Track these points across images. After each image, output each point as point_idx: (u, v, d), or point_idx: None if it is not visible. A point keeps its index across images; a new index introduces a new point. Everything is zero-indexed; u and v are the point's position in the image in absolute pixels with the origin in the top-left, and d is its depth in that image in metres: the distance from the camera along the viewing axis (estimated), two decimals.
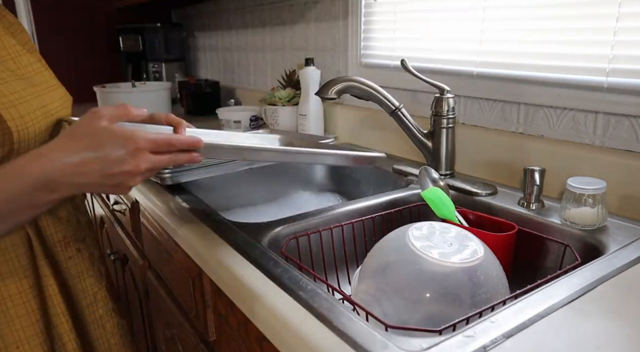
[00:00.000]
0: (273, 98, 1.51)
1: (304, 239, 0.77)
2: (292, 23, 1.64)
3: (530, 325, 0.50)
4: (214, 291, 0.78)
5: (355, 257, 0.83)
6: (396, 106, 1.02)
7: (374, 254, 0.66)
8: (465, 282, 0.58)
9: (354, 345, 0.48)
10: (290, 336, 0.53)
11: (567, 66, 0.88)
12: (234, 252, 0.70)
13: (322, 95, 1.00)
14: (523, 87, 0.95)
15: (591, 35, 0.84)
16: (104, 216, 1.47)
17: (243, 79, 2.06)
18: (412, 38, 1.19)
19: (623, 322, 0.51)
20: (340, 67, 1.44)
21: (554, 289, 0.57)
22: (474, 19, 1.03)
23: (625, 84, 0.80)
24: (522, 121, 0.97)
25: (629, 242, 0.69)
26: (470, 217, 0.81)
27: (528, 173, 0.82)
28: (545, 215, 0.80)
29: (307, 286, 0.59)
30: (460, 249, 0.61)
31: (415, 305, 0.58)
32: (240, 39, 2.02)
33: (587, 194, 0.73)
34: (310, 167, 1.27)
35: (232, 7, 2.02)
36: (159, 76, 2.36)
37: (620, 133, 0.82)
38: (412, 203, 0.90)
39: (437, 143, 1.00)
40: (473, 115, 1.06)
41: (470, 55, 1.04)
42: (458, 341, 0.48)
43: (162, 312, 1.06)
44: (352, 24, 1.36)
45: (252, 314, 0.61)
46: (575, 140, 0.89)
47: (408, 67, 1.01)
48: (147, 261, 1.12)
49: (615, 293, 0.57)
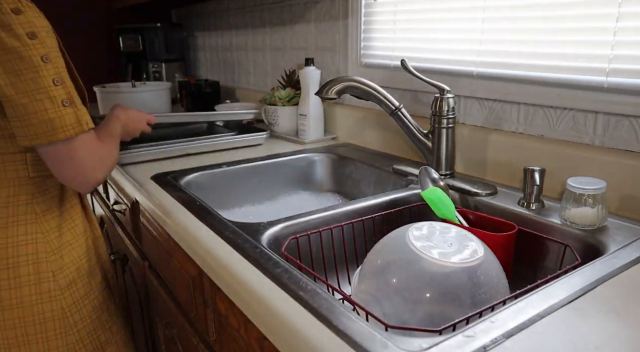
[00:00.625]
0: (273, 98, 1.51)
1: (304, 239, 0.77)
2: (292, 23, 1.64)
3: (530, 325, 0.50)
4: (214, 291, 0.78)
5: (355, 257, 0.83)
6: (396, 106, 1.02)
7: (374, 254, 0.66)
8: (465, 282, 0.58)
9: (354, 345, 0.48)
10: (290, 336, 0.53)
11: (567, 66, 0.88)
12: (234, 252, 0.71)
13: (322, 95, 1.00)
14: (523, 87, 0.95)
15: (591, 35, 0.84)
16: (104, 216, 1.47)
17: (243, 79, 2.06)
18: (412, 38, 1.19)
19: (623, 322, 0.51)
20: (340, 67, 1.44)
21: (554, 289, 0.57)
22: (474, 19, 1.03)
23: (625, 84, 0.80)
24: (522, 121, 0.97)
25: (629, 242, 0.69)
26: (470, 217, 0.81)
27: (528, 173, 0.82)
28: (545, 215, 0.80)
29: (307, 286, 0.59)
30: (460, 249, 0.61)
31: (415, 305, 0.58)
32: (240, 39, 2.02)
33: (587, 194, 0.73)
34: (311, 167, 1.27)
35: (232, 7, 2.02)
36: (159, 76, 2.36)
37: (620, 133, 0.82)
38: (412, 203, 0.90)
39: (437, 143, 1.00)
40: (473, 115, 1.06)
41: (470, 55, 1.04)
42: (458, 341, 0.48)
43: (162, 312, 1.06)
44: (352, 24, 1.36)
45: (252, 314, 0.61)
46: (575, 140, 0.89)
47: (408, 67, 1.01)
48: (147, 260, 1.12)
49: (615, 293, 0.57)
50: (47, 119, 0.73)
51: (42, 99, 0.72)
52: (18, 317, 0.82)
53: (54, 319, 0.85)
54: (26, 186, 0.83)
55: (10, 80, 0.71)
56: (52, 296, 0.85)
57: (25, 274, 0.82)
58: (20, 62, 0.70)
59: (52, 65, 0.73)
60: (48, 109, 0.73)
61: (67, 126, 0.75)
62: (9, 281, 0.81)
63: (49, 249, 0.85)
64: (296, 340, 0.52)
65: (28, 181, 0.83)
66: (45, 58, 0.72)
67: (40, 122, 0.73)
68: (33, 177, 0.83)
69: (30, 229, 0.83)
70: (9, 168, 0.81)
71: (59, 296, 0.86)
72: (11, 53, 0.70)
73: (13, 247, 0.81)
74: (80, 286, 0.90)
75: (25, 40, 0.70)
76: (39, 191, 0.85)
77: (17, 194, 0.82)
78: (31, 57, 0.71)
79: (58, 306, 0.85)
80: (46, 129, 0.73)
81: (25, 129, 0.73)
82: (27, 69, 0.71)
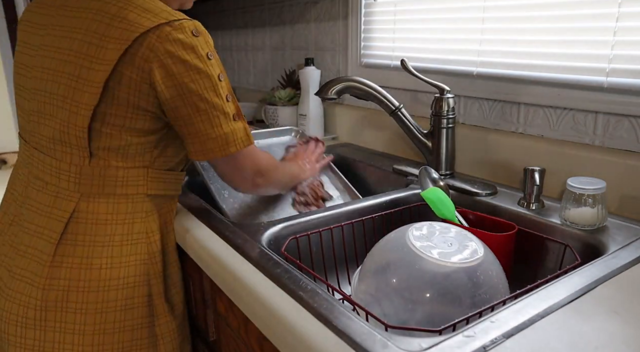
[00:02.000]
0: (273, 98, 1.51)
1: (304, 239, 0.77)
2: (292, 23, 1.64)
3: (530, 325, 0.50)
4: (214, 291, 0.78)
5: (355, 257, 0.83)
6: (396, 106, 1.02)
7: (374, 254, 0.66)
8: (465, 282, 0.58)
9: (354, 345, 0.48)
10: (290, 336, 0.53)
11: (567, 66, 0.88)
12: (234, 252, 0.71)
13: (322, 95, 1.01)
14: (523, 87, 0.95)
15: (591, 35, 0.84)
16: None
17: (243, 79, 2.06)
18: (412, 38, 1.19)
19: (623, 322, 0.51)
20: (340, 67, 1.44)
21: (554, 289, 0.57)
22: (474, 19, 1.03)
23: (625, 84, 0.80)
24: (522, 121, 0.97)
25: (629, 242, 0.69)
26: (470, 217, 0.81)
27: (528, 173, 0.82)
28: (545, 215, 0.80)
29: (307, 286, 0.59)
30: (460, 249, 0.61)
31: (415, 305, 0.58)
32: (240, 39, 2.02)
33: (587, 194, 0.73)
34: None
35: (232, 7, 2.02)
36: None
37: (620, 133, 0.82)
38: (412, 203, 0.90)
39: (437, 143, 1.00)
40: (473, 115, 1.06)
41: (470, 55, 1.04)
42: (458, 341, 0.48)
43: None
44: (352, 24, 1.36)
45: (252, 314, 0.61)
46: (575, 141, 0.89)
47: (408, 67, 1.01)
48: None
49: (615, 293, 0.57)
50: (222, 134, 0.75)
51: (218, 115, 0.74)
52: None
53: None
54: (142, 204, 0.79)
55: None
56: (147, 322, 0.80)
57: (133, 296, 0.78)
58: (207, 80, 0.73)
59: (225, 82, 0.75)
60: (223, 124, 0.75)
61: (238, 140, 0.76)
62: (116, 302, 0.77)
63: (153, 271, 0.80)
64: (296, 340, 0.52)
65: (145, 198, 0.79)
66: (221, 76, 0.74)
67: (216, 137, 0.75)
68: (150, 195, 0.79)
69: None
70: (131, 184, 0.77)
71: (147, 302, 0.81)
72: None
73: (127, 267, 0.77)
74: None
75: (206, 61, 0.72)
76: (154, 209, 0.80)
77: (134, 211, 0.78)
78: (211, 77, 0.73)
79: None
80: (221, 144, 0.75)
81: (200, 144, 0.75)
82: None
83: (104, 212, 0.76)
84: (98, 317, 0.75)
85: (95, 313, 0.75)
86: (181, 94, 0.71)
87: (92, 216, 0.75)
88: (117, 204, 0.76)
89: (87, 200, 0.75)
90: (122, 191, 0.76)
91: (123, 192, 0.76)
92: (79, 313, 0.74)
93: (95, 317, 0.75)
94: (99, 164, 0.75)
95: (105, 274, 0.75)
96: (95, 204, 0.75)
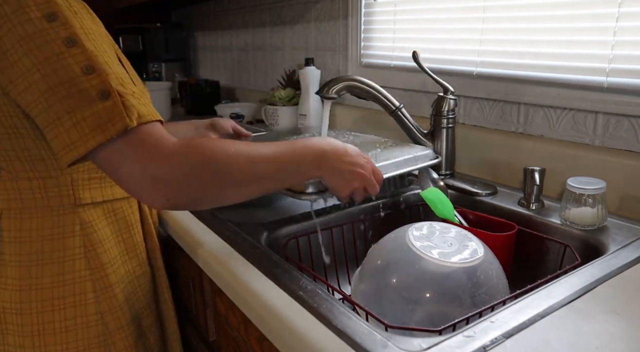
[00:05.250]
0: (273, 98, 1.51)
1: (304, 239, 0.77)
2: (292, 23, 1.64)
3: (530, 325, 0.50)
4: (214, 291, 0.78)
5: (355, 257, 0.83)
6: (396, 106, 1.02)
7: (373, 254, 0.66)
8: (465, 282, 0.58)
9: (354, 345, 0.48)
10: (290, 336, 0.53)
11: (567, 66, 0.88)
12: (233, 252, 0.71)
13: (322, 95, 1.00)
14: (523, 87, 0.95)
15: (591, 35, 0.84)
16: None
17: (243, 79, 2.06)
18: (412, 38, 1.19)
19: (623, 322, 0.51)
20: (340, 67, 1.44)
21: (554, 289, 0.57)
22: (474, 19, 1.03)
23: (625, 84, 0.80)
24: (522, 121, 0.97)
25: (629, 242, 0.69)
26: (470, 217, 0.81)
27: (528, 173, 0.82)
28: (545, 215, 0.80)
29: (307, 286, 0.59)
30: (460, 249, 0.61)
31: (415, 305, 0.58)
32: (240, 39, 2.02)
33: (587, 194, 0.73)
34: None
35: (232, 7, 2.02)
36: (159, 76, 2.36)
37: (620, 133, 0.82)
38: (412, 203, 0.90)
39: (437, 143, 1.00)
40: (473, 115, 1.06)
41: (470, 55, 1.04)
42: (458, 341, 0.48)
43: None
44: (352, 24, 1.36)
45: (252, 314, 0.61)
46: (575, 140, 0.88)
47: (419, 61, 0.99)
48: None
49: (615, 293, 0.57)
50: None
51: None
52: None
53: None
54: (72, 215, 0.71)
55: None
56: (96, 320, 0.75)
57: (72, 317, 0.73)
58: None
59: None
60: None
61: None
62: (54, 323, 0.71)
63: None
64: (296, 340, 0.52)
65: (75, 209, 0.71)
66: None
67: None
68: (85, 204, 0.72)
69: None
70: (51, 195, 0.70)
71: (99, 321, 0.76)
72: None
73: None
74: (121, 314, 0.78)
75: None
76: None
77: (64, 224, 0.71)
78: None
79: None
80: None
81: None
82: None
83: (27, 228, 0.69)
84: (36, 339, 0.71)
85: (33, 336, 0.70)
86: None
87: (16, 234, 0.70)
88: (41, 219, 0.70)
89: (8, 217, 0.70)
90: (43, 203, 0.69)
91: (46, 205, 0.70)
92: (18, 336, 0.70)
93: (33, 340, 0.71)
94: (9, 177, 0.68)
95: (37, 296, 0.70)
96: (18, 221, 0.69)
